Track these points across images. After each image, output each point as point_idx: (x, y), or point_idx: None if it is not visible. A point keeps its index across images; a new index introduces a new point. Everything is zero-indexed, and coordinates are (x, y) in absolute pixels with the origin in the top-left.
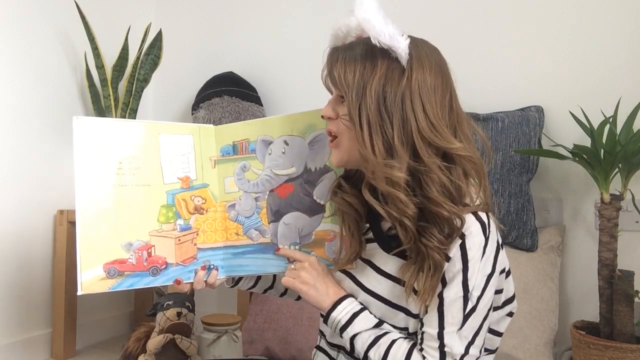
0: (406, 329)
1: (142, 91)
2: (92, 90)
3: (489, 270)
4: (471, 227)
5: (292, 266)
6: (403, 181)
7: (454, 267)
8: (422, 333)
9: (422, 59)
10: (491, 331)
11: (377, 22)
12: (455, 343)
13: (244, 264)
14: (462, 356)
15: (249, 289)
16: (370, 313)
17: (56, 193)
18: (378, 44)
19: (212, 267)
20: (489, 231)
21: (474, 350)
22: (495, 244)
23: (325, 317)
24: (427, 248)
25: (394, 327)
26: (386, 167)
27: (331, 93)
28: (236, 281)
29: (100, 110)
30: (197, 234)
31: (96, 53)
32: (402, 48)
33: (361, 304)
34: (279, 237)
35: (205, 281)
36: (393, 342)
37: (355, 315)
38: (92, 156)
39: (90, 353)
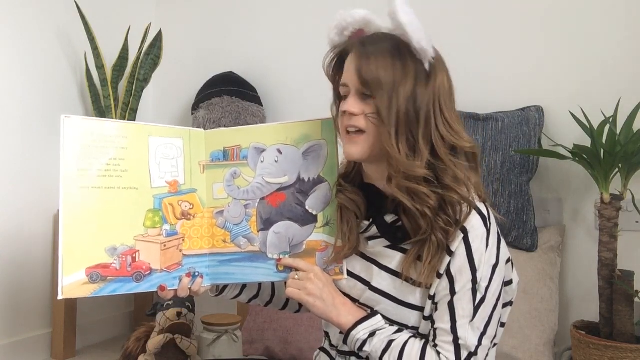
0: (416, 328)
1: (142, 91)
2: (92, 90)
3: (493, 261)
4: (472, 220)
5: (296, 276)
6: (423, 175)
7: (459, 261)
8: (435, 330)
9: (440, 63)
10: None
11: (420, 27)
12: (469, 335)
13: (230, 272)
14: (477, 347)
15: (234, 297)
16: (384, 318)
17: (56, 194)
18: (419, 47)
19: (197, 274)
20: (490, 223)
21: (486, 341)
22: (497, 235)
23: (345, 337)
24: (432, 229)
25: (406, 327)
26: (409, 165)
27: (332, 83)
28: (220, 290)
29: (101, 110)
30: (183, 240)
31: (96, 53)
32: (431, 54)
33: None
34: (268, 246)
35: (190, 288)
36: (405, 343)
37: (373, 334)
38: (79, 157)
39: (90, 353)
